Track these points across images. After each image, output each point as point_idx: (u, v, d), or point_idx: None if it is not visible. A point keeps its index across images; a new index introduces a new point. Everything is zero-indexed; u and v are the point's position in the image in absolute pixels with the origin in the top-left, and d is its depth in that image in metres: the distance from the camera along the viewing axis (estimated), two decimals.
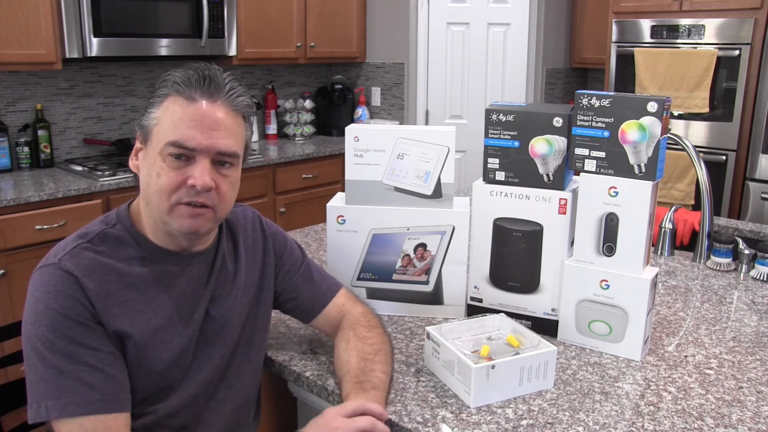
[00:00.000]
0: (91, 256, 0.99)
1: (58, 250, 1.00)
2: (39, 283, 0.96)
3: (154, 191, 0.99)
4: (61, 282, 0.95)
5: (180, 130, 0.97)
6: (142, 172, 1.02)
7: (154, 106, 1.00)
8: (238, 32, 3.37)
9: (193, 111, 0.98)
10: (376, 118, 4.19)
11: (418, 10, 3.85)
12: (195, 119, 0.98)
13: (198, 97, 0.99)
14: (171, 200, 0.98)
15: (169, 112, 0.98)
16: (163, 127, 0.98)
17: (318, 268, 1.26)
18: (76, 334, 0.93)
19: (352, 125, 1.37)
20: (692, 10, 3.36)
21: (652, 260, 1.82)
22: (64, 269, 0.96)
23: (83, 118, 3.24)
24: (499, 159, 1.31)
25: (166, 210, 0.99)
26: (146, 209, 1.03)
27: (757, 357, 1.25)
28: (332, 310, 1.22)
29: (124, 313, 0.99)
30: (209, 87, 0.99)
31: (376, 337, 1.16)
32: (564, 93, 4.23)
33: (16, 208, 2.49)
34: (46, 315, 0.93)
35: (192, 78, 0.99)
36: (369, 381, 1.05)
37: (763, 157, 3.25)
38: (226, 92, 1.00)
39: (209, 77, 1.00)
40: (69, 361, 0.92)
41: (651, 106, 1.16)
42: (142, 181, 1.02)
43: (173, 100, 0.99)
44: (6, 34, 2.62)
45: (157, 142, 0.99)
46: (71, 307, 0.94)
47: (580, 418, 1.03)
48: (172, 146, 0.97)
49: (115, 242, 1.02)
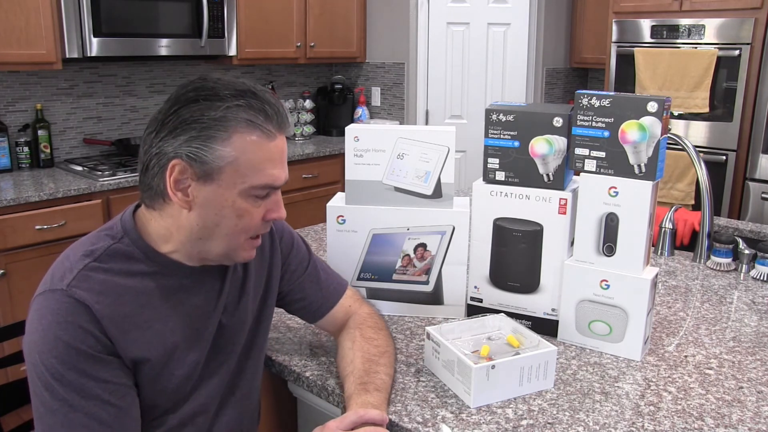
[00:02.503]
0: (101, 277, 0.93)
1: (65, 271, 0.93)
2: (47, 310, 0.90)
3: (230, 232, 0.95)
4: (72, 312, 0.89)
5: (269, 171, 0.93)
6: (202, 211, 0.94)
7: (216, 141, 0.90)
8: (238, 32, 3.37)
9: (274, 147, 0.94)
10: (376, 118, 4.19)
11: (418, 10, 3.84)
12: (278, 156, 0.95)
13: (274, 130, 0.94)
14: (248, 236, 0.97)
15: (248, 151, 0.92)
16: (243, 167, 0.92)
17: (324, 266, 1.24)
18: (87, 367, 0.89)
19: (352, 125, 1.37)
20: (692, 10, 3.36)
21: (652, 260, 1.82)
22: (74, 297, 0.89)
23: (83, 118, 3.24)
24: (499, 159, 1.31)
25: (238, 246, 0.97)
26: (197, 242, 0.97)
27: (757, 357, 1.25)
28: (339, 311, 1.21)
29: (142, 336, 0.94)
30: (279, 119, 0.95)
31: (382, 339, 1.16)
32: (564, 93, 4.23)
33: (16, 208, 2.49)
34: (56, 346, 0.88)
35: (265, 110, 0.93)
36: (372, 382, 1.04)
37: (763, 157, 3.25)
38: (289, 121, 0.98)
39: (276, 106, 0.95)
40: (80, 395, 0.88)
41: (651, 106, 1.16)
42: (202, 219, 0.94)
43: (246, 137, 0.92)
44: (6, 34, 2.62)
45: (235, 182, 0.92)
46: (83, 340, 0.89)
47: (580, 418, 1.03)
48: (261, 189, 0.94)
49: (124, 258, 0.96)
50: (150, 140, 0.94)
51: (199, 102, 0.91)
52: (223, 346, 1.06)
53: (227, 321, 1.06)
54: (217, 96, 0.92)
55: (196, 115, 0.91)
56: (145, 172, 0.96)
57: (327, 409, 1.24)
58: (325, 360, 1.22)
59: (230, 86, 0.93)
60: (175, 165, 0.91)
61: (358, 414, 0.97)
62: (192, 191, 0.93)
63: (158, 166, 0.93)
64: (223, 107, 0.91)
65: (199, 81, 0.95)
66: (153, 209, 0.97)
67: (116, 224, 0.99)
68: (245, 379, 1.12)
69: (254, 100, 0.93)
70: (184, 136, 0.91)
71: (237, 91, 0.92)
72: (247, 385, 1.13)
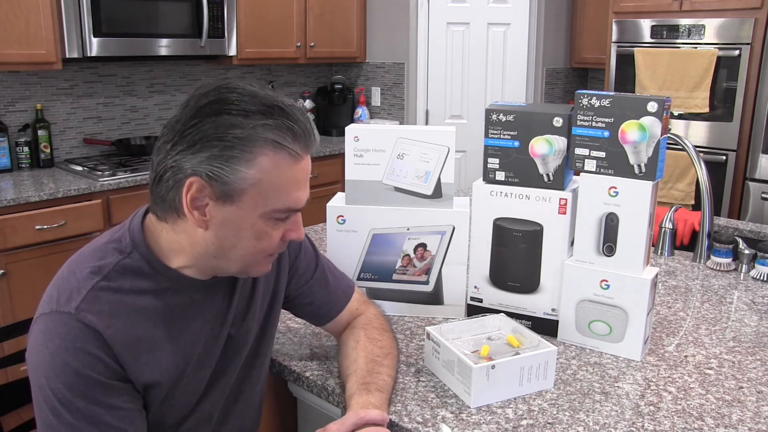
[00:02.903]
0: (111, 298, 0.88)
1: (71, 291, 0.88)
2: (54, 334, 0.85)
3: (248, 252, 0.92)
4: (82, 338, 0.85)
5: (292, 195, 0.90)
6: (219, 231, 0.89)
7: (238, 161, 0.85)
8: (238, 32, 3.37)
9: (300, 170, 0.90)
10: (376, 118, 4.19)
11: (418, 10, 3.84)
12: (302, 178, 0.91)
13: (301, 152, 0.89)
14: (265, 255, 0.95)
15: (273, 174, 0.87)
16: (266, 190, 0.87)
17: (331, 268, 1.22)
18: (96, 394, 0.85)
19: (352, 125, 1.37)
20: (692, 10, 3.36)
21: (652, 260, 1.82)
22: (83, 322, 0.85)
23: (83, 118, 3.24)
24: (499, 159, 1.31)
25: (254, 264, 0.95)
26: (211, 260, 0.93)
27: (757, 357, 1.25)
28: (346, 315, 1.20)
29: (153, 359, 0.91)
30: (307, 138, 0.90)
31: (387, 341, 1.15)
32: (564, 93, 4.23)
33: (16, 208, 2.49)
34: (64, 372, 0.84)
35: (293, 129, 0.88)
36: (374, 383, 1.04)
37: (763, 157, 3.25)
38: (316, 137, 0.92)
39: (306, 126, 0.89)
40: (88, 421, 0.85)
41: (651, 106, 1.16)
42: (219, 239, 0.90)
43: (273, 158, 0.86)
44: (6, 34, 2.62)
45: (257, 205, 0.88)
46: (93, 366, 0.85)
47: (580, 418, 1.03)
48: (284, 212, 0.91)
49: (134, 274, 0.91)
50: (165, 150, 0.88)
51: (222, 116, 0.85)
52: (231, 356, 1.05)
53: (235, 332, 1.04)
54: (243, 112, 0.85)
55: (220, 132, 0.84)
56: (157, 183, 0.89)
57: (327, 409, 1.24)
58: (325, 360, 1.22)
59: (257, 100, 0.87)
60: (192, 182, 0.86)
61: (358, 415, 0.96)
62: (209, 210, 0.88)
63: (174, 180, 0.87)
64: (250, 126, 0.85)
65: (223, 91, 0.87)
66: (165, 221, 0.92)
67: (124, 235, 0.94)
68: (249, 385, 1.11)
69: (282, 118, 0.87)
70: (204, 153, 0.84)
71: (264, 107, 0.86)
72: (251, 391, 1.12)
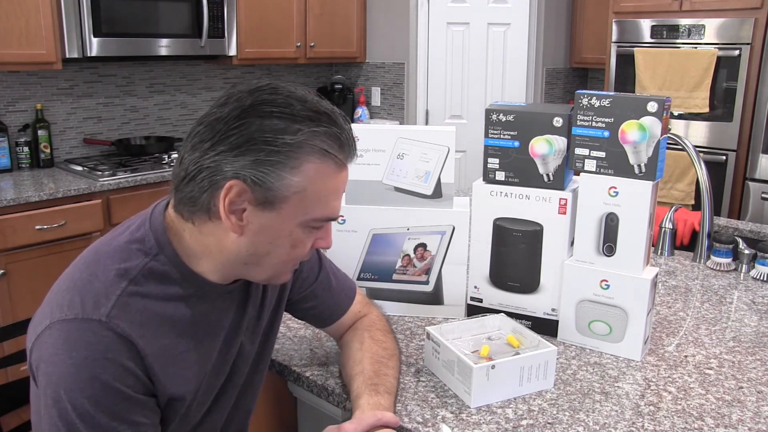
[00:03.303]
0: (142, 305, 0.85)
1: (98, 296, 0.82)
2: (80, 343, 0.79)
3: (278, 261, 0.90)
4: (113, 348, 0.80)
5: (332, 204, 0.88)
6: (255, 237, 0.86)
7: (284, 168, 0.82)
8: (238, 32, 3.37)
9: (342, 179, 0.89)
10: (376, 118, 4.19)
11: (418, 10, 3.84)
12: (342, 187, 0.90)
13: (345, 160, 0.88)
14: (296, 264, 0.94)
15: (318, 182, 0.84)
16: (309, 197, 0.85)
17: (334, 270, 1.20)
18: (121, 409, 0.81)
19: (352, 125, 1.36)
20: (692, 10, 3.36)
21: (652, 260, 1.82)
22: (116, 331, 0.80)
23: (83, 118, 3.24)
24: (499, 159, 1.31)
25: (284, 272, 0.94)
26: (242, 267, 0.90)
27: (757, 357, 1.25)
28: (348, 317, 1.19)
29: (180, 371, 0.89)
30: (351, 147, 0.88)
31: (390, 343, 1.15)
32: (564, 93, 4.23)
33: (16, 208, 2.49)
34: (90, 385, 0.79)
35: (340, 137, 0.86)
36: (383, 384, 1.03)
37: (763, 157, 3.25)
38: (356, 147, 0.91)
39: (350, 134, 0.88)
40: None
41: (651, 106, 1.16)
42: (254, 246, 0.87)
43: (319, 166, 0.84)
44: (6, 34, 2.62)
45: (297, 213, 0.85)
46: (123, 379, 0.81)
47: (580, 418, 1.03)
48: (322, 221, 0.89)
49: (161, 279, 0.87)
50: (202, 149, 0.83)
51: (269, 119, 0.81)
52: (240, 365, 1.03)
53: (246, 338, 1.02)
54: (292, 116, 0.82)
55: (267, 136, 0.81)
56: (188, 182, 0.85)
57: (327, 409, 1.24)
58: (325, 360, 1.22)
59: (306, 105, 0.84)
60: (233, 186, 0.82)
61: (376, 416, 0.95)
62: (247, 216, 0.84)
63: (210, 182, 0.83)
64: (299, 131, 0.82)
65: (267, 92, 0.84)
66: (191, 222, 0.87)
67: (147, 235, 0.89)
68: (251, 392, 1.11)
69: (331, 126, 0.85)
70: (249, 157, 0.81)
71: (313, 113, 0.84)
72: (252, 397, 1.12)
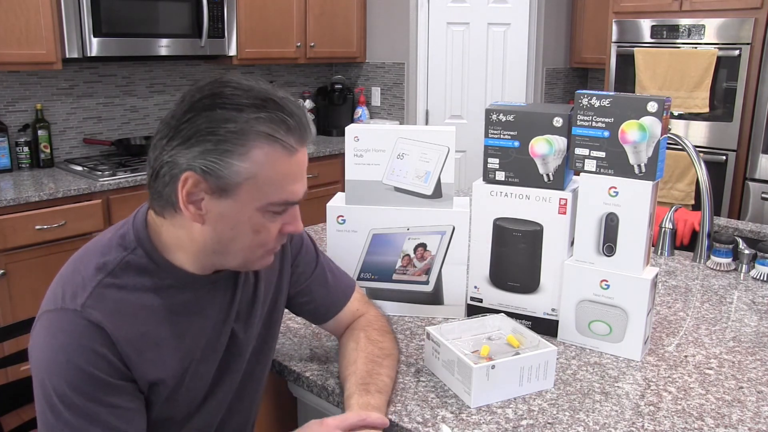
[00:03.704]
0: (117, 296, 0.89)
1: (76, 288, 0.88)
2: (59, 331, 0.86)
3: (245, 246, 0.92)
4: (87, 335, 0.85)
5: (288, 188, 0.90)
6: (217, 225, 0.89)
7: (233, 155, 0.85)
8: (238, 32, 3.37)
9: (295, 163, 0.90)
10: (376, 118, 4.19)
11: (418, 10, 3.84)
12: (298, 172, 0.91)
13: (295, 144, 0.89)
14: (267, 250, 0.95)
15: (267, 166, 0.87)
16: (261, 182, 0.87)
17: (331, 267, 1.22)
18: (97, 392, 0.86)
19: (352, 125, 1.37)
20: (692, 10, 3.36)
21: (652, 260, 1.82)
22: (89, 319, 0.86)
23: (83, 118, 3.24)
24: (499, 159, 1.31)
25: (256, 259, 0.95)
26: (211, 255, 0.93)
27: (757, 357, 1.25)
28: (346, 314, 1.19)
29: (158, 356, 0.92)
30: (302, 131, 0.90)
31: (388, 342, 1.15)
32: (564, 93, 4.23)
33: (16, 208, 2.49)
34: (67, 369, 0.84)
35: (286, 122, 0.88)
36: (374, 384, 1.03)
37: (763, 157, 3.25)
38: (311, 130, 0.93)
39: (299, 118, 0.89)
40: (86, 420, 0.85)
41: (651, 106, 1.16)
42: (217, 233, 0.90)
43: (267, 151, 0.86)
44: (6, 34, 2.62)
45: (253, 199, 0.88)
46: (96, 364, 0.85)
47: (580, 418, 1.03)
48: (280, 206, 0.91)
49: (139, 272, 0.91)
50: (161, 146, 0.88)
51: (216, 110, 0.85)
52: (236, 354, 1.04)
53: (238, 328, 1.03)
54: (237, 106, 0.85)
55: (213, 126, 0.84)
56: (155, 179, 0.89)
57: (327, 409, 1.24)
58: (325, 360, 1.22)
59: (251, 94, 0.87)
60: (188, 177, 0.85)
61: (360, 416, 0.95)
62: (205, 205, 0.88)
63: (170, 176, 0.87)
64: (243, 119, 0.85)
65: (217, 85, 0.88)
66: (163, 217, 0.92)
67: (128, 231, 0.94)
68: (253, 384, 1.11)
69: (276, 111, 0.87)
70: (198, 148, 0.85)
71: (258, 101, 0.86)
72: (254, 390, 1.12)
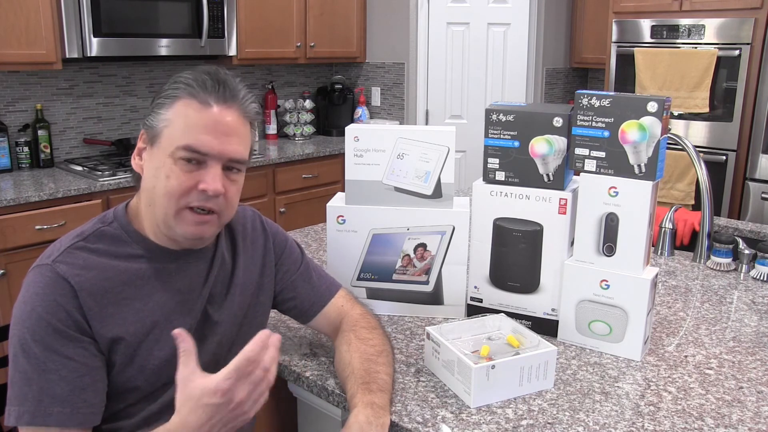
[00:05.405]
0: (87, 256, 0.98)
1: (53, 249, 0.99)
2: (31, 284, 0.95)
3: (161, 193, 0.98)
4: (51, 285, 0.94)
5: (194, 135, 0.96)
6: (146, 173, 1.01)
7: (163, 107, 0.99)
8: (238, 32, 3.37)
9: (208, 116, 0.97)
10: (376, 118, 4.19)
11: (418, 10, 3.84)
12: (209, 125, 0.97)
13: (212, 102, 0.98)
14: (179, 204, 0.98)
15: (182, 115, 0.97)
16: (175, 129, 0.97)
17: (317, 269, 1.26)
18: (53, 341, 0.92)
19: (352, 125, 1.37)
20: (692, 10, 3.36)
21: (652, 260, 1.82)
22: (56, 272, 0.94)
23: (83, 118, 3.24)
24: (499, 159, 1.31)
25: (173, 213, 0.99)
26: (148, 210, 1.01)
27: (757, 357, 1.25)
28: (331, 311, 1.22)
29: (119, 312, 0.98)
30: (224, 92, 0.99)
31: (378, 339, 1.16)
32: (564, 93, 4.23)
33: (16, 208, 2.49)
34: (30, 317, 0.92)
35: (206, 82, 0.98)
36: (375, 382, 1.04)
37: (763, 157, 3.25)
38: (240, 99, 1.01)
39: (224, 82, 0.99)
40: (40, 367, 0.91)
41: (651, 106, 1.16)
42: (146, 182, 1.01)
43: (186, 103, 0.97)
44: (6, 34, 2.62)
45: (167, 144, 0.97)
46: (54, 313, 0.92)
47: (580, 418, 1.03)
48: (185, 150, 0.96)
49: (112, 240, 1.01)
50: None
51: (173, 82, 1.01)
52: (207, 334, 1.07)
53: (212, 310, 1.08)
54: (184, 76, 1.00)
55: (161, 90, 1.01)
56: None
57: (327, 409, 1.24)
58: (325, 360, 1.22)
59: (201, 69, 1.01)
60: (142, 134, 1.02)
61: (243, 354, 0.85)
62: (145, 155, 1.02)
63: None
64: (179, 80, 1.00)
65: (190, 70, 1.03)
66: (138, 190, 1.04)
67: (109, 212, 1.06)
68: None
69: (204, 75, 0.99)
70: (150, 109, 1.02)
71: (201, 72, 1.00)
72: None
